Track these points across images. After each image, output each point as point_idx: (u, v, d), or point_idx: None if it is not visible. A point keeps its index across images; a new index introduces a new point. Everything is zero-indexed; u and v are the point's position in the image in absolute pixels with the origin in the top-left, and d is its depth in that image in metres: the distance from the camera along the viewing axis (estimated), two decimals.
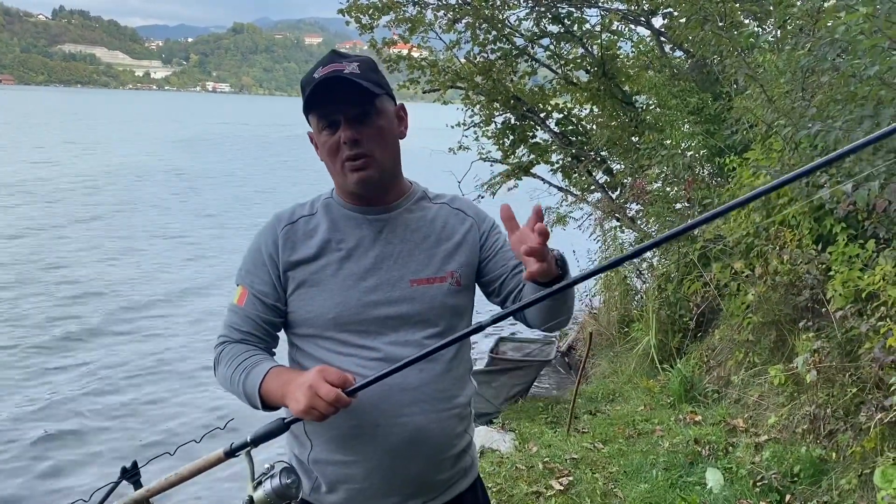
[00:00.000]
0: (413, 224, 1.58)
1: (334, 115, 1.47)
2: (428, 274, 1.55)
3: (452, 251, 1.59)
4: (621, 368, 6.47)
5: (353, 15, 9.00)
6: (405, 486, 1.54)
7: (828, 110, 4.02)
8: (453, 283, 1.57)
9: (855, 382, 3.52)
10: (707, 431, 4.43)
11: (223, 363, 1.56)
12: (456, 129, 9.48)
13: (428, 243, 1.58)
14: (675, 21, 7.44)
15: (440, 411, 1.54)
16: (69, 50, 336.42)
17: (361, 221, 1.57)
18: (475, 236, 1.63)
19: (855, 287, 3.52)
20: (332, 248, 1.54)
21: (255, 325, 1.57)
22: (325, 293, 1.52)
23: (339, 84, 1.45)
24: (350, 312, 1.51)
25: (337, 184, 1.59)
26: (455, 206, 1.66)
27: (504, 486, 4.00)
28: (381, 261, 1.54)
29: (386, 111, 1.53)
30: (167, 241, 15.10)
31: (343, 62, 1.48)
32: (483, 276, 1.63)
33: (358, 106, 1.47)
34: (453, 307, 1.57)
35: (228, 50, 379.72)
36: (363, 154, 1.48)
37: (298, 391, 1.35)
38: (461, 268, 1.59)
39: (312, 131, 1.56)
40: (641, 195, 7.20)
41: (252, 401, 1.50)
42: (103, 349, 8.60)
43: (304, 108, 1.50)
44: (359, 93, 1.46)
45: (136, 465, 1.57)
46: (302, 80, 1.52)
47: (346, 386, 1.34)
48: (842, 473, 3.44)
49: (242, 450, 1.42)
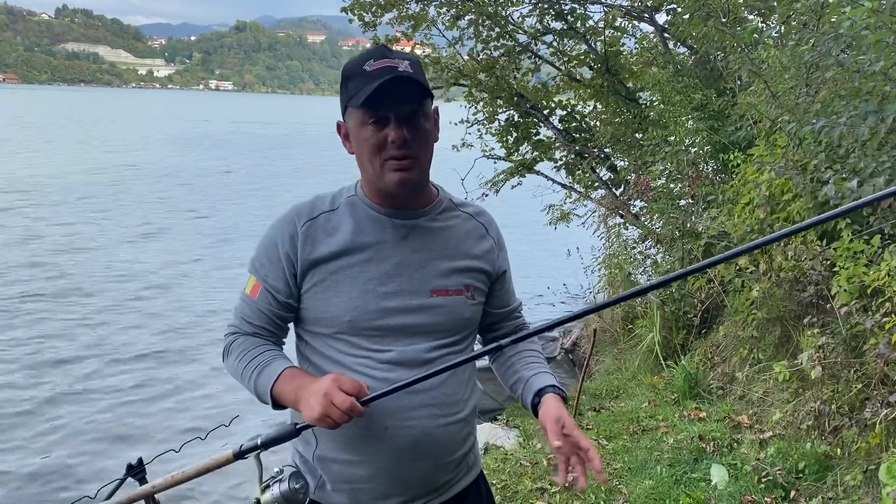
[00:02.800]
0: (438, 233, 1.56)
1: (385, 112, 1.42)
2: (448, 285, 1.53)
3: (471, 266, 1.58)
4: (625, 365, 6.47)
5: (356, 12, 9.00)
6: (410, 487, 1.54)
7: (832, 106, 4.01)
8: (469, 297, 1.56)
9: (860, 378, 3.52)
10: (711, 428, 4.43)
11: (234, 355, 1.55)
12: (459, 126, 9.47)
13: (450, 254, 1.56)
14: (679, 17, 7.44)
15: (447, 415, 1.54)
16: (72, 49, 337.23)
17: (387, 224, 1.53)
18: (493, 258, 1.63)
19: (860, 283, 3.51)
20: (355, 249, 1.50)
21: (266, 319, 1.55)
22: (343, 295, 1.49)
23: (394, 80, 1.40)
24: (367, 317, 1.48)
25: (368, 181, 1.53)
26: (479, 220, 1.65)
27: (508, 482, 4.01)
28: (403, 267, 1.51)
29: (430, 114, 1.50)
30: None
31: (396, 59, 1.44)
32: (486, 303, 1.66)
33: (410, 105, 1.44)
34: (468, 320, 1.58)
35: (231, 48, 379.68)
36: (410, 155, 1.44)
37: (313, 398, 1.34)
38: (476, 283, 1.59)
39: (350, 123, 1.49)
40: (645, 192, 7.20)
41: (263, 399, 1.49)
42: (109, 341, 8.68)
43: (349, 100, 1.45)
44: (412, 92, 1.44)
45: (141, 462, 1.57)
46: (347, 70, 1.48)
47: (360, 395, 1.34)
48: (847, 469, 3.43)
49: (252, 452, 1.41)
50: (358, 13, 9.00)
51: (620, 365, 6.58)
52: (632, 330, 6.76)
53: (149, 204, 19.28)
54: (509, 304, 1.72)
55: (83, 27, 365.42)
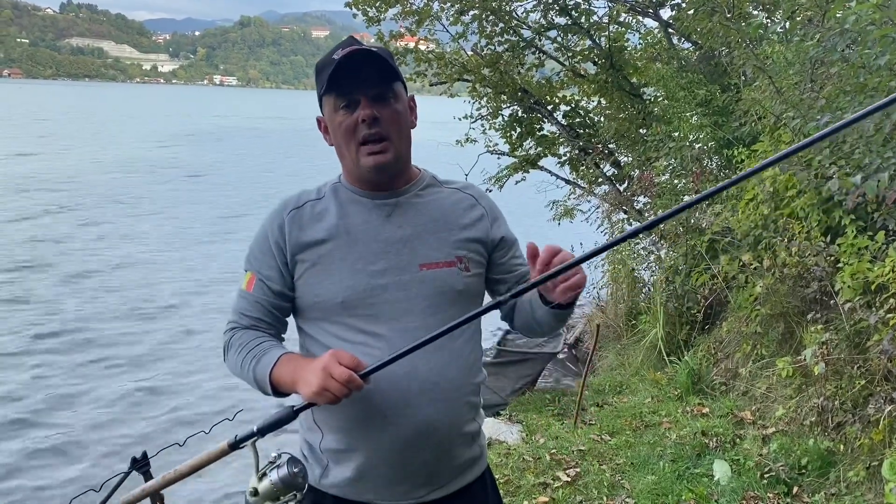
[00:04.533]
0: (422, 208, 1.58)
1: (355, 94, 1.47)
2: (437, 258, 1.54)
3: (461, 236, 1.58)
4: (628, 361, 6.47)
5: (359, 7, 9.01)
6: (414, 476, 1.54)
7: (837, 102, 4.00)
8: (462, 268, 1.56)
9: (863, 374, 3.51)
10: (714, 423, 4.43)
11: (233, 349, 1.56)
12: (463, 121, 9.47)
13: (436, 227, 1.57)
14: (683, 12, 7.41)
15: (450, 401, 1.53)
16: (77, 44, 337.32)
17: (370, 206, 1.56)
18: (485, 226, 1.63)
19: (864, 279, 3.50)
20: (341, 232, 1.53)
21: (263, 311, 1.57)
22: (334, 277, 1.51)
23: (361, 60, 1.45)
24: (359, 296, 1.49)
25: (347, 168, 1.58)
26: (467, 192, 1.66)
27: (511, 477, 4.01)
28: (390, 245, 1.52)
29: (402, 97, 1.54)
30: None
31: (363, 45, 1.49)
32: (490, 272, 1.65)
33: (378, 86, 1.48)
34: (463, 292, 1.56)
35: (235, 43, 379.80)
36: (381, 134, 1.48)
37: (311, 374, 1.35)
38: (470, 253, 1.58)
39: (325, 115, 1.54)
40: (649, 187, 7.19)
41: (262, 387, 1.50)
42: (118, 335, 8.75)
43: (321, 89, 1.49)
44: (379, 72, 1.47)
45: (146, 456, 1.55)
46: (318, 63, 1.52)
47: (358, 369, 1.34)
48: (850, 465, 3.43)
49: (247, 441, 1.39)
50: (362, 8, 9.00)
51: (623, 360, 6.58)
52: (635, 325, 6.76)
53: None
54: (516, 269, 1.67)
55: (88, 22, 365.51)
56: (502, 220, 1.69)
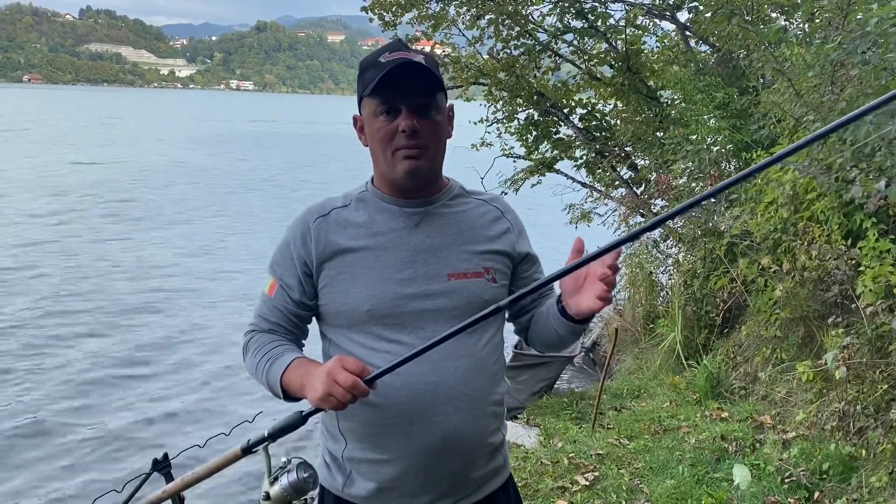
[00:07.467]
0: (451, 219, 1.57)
1: (397, 102, 1.45)
2: (466, 268, 1.53)
3: (489, 248, 1.58)
4: (647, 365, 6.44)
5: (376, 12, 9.04)
6: (438, 485, 1.53)
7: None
8: (490, 279, 1.55)
9: (886, 379, 3.48)
10: (734, 428, 4.41)
11: (250, 352, 1.57)
12: (479, 125, 9.47)
13: (465, 238, 1.56)
14: (701, 15, 7.39)
15: (475, 409, 1.52)
16: (96, 49, 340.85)
17: (398, 214, 1.54)
18: (511, 239, 1.62)
19: (886, 282, 3.47)
20: (369, 240, 1.52)
21: (283, 317, 1.58)
22: (360, 285, 1.50)
23: (407, 71, 1.43)
24: (386, 305, 1.48)
25: (380, 172, 1.56)
26: (493, 205, 1.65)
27: (529, 480, 4.01)
28: (419, 254, 1.52)
29: (443, 108, 1.52)
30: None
31: (411, 52, 1.48)
32: (512, 285, 1.64)
33: (422, 97, 1.46)
34: (490, 302, 1.51)
35: (252, 48, 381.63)
36: (419, 145, 1.47)
37: (316, 380, 1.35)
38: (497, 265, 1.58)
39: (364, 115, 1.53)
40: (667, 191, 7.15)
41: (274, 391, 1.50)
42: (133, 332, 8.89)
43: (363, 90, 1.49)
44: (425, 83, 1.46)
45: (167, 457, 1.57)
46: (363, 62, 1.51)
47: (363, 374, 1.34)
48: (872, 471, 3.40)
49: (259, 445, 1.41)
50: (378, 12, 9.04)
51: (642, 364, 6.55)
52: (653, 329, 6.73)
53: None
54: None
55: (106, 28, 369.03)
56: (526, 236, 1.69)
